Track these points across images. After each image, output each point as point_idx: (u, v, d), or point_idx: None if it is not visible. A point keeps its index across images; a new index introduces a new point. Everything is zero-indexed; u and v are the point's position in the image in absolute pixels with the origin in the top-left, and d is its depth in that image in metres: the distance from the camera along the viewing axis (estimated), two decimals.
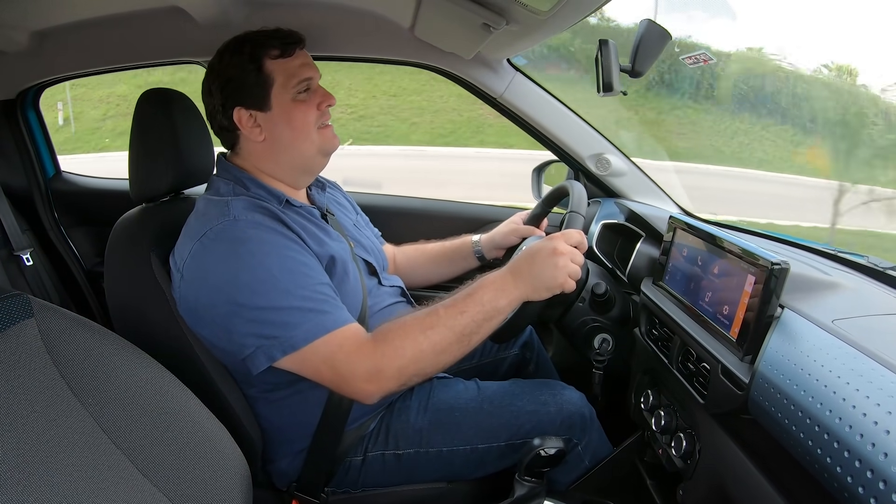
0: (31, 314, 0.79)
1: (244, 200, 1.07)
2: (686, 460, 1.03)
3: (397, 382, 1.02)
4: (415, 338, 1.01)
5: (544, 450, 0.99)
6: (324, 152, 1.19)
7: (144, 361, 0.90)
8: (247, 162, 1.17)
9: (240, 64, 1.11)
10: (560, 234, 1.09)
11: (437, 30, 1.46)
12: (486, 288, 1.06)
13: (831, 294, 0.93)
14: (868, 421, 0.61)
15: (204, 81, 1.16)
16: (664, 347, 1.12)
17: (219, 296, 0.99)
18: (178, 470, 0.85)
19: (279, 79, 1.12)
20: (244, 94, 1.11)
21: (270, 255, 1.00)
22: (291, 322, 0.98)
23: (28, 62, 1.65)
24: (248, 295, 0.98)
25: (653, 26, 1.25)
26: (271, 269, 0.99)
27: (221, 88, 1.12)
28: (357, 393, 1.02)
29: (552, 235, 1.09)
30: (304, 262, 1.04)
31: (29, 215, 1.88)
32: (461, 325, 1.03)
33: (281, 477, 1.17)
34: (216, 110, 1.14)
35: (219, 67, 1.13)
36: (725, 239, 0.95)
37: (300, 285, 1.00)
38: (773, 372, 0.77)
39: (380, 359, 1.00)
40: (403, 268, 1.57)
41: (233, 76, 1.11)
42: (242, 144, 1.16)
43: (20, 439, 0.71)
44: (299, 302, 0.99)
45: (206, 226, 1.02)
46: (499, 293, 1.05)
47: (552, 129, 1.67)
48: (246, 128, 1.13)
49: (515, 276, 1.07)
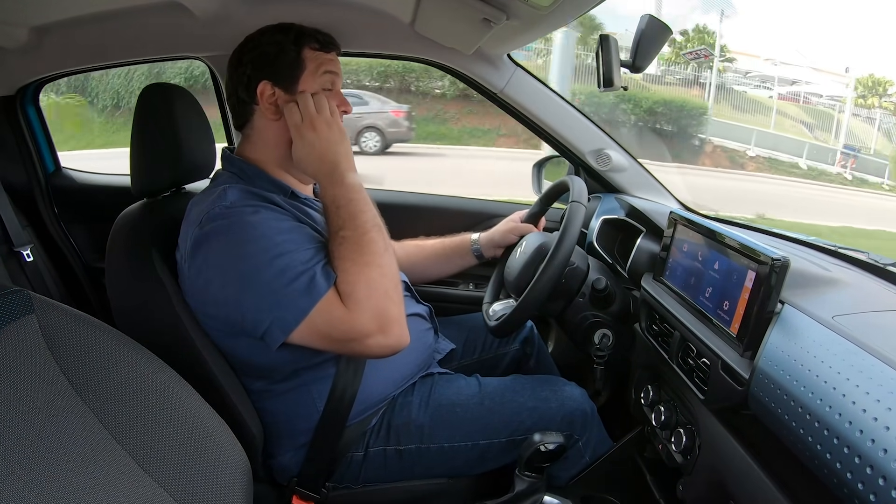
0: (32, 310, 0.79)
1: (241, 187, 1.07)
2: (686, 456, 1.03)
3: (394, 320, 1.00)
4: (367, 275, 1.00)
5: (544, 445, 1.00)
6: None
7: (145, 357, 0.90)
8: (254, 152, 1.16)
9: (282, 42, 1.13)
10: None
11: (438, 25, 1.46)
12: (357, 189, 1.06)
13: (831, 290, 0.93)
14: (868, 417, 0.61)
15: (235, 51, 1.17)
16: (664, 343, 1.12)
17: (226, 276, 0.99)
18: (178, 465, 0.85)
19: (311, 66, 1.13)
20: (276, 69, 1.12)
21: (270, 228, 1.00)
22: (298, 289, 0.97)
23: (28, 58, 1.65)
24: (254, 267, 0.97)
25: (653, 21, 1.25)
26: (273, 239, 0.98)
27: (254, 60, 1.13)
28: (367, 349, 1.00)
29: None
30: (300, 234, 1.03)
31: (29, 211, 1.87)
32: (373, 224, 1.04)
33: (282, 472, 1.17)
34: (240, 81, 1.15)
35: (258, 40, 1.14)
36: (726, 234, 0.95)
37: (305, 252, 1.00)
38: (773, 368, 0.77)
39: (363, 313, 0.98)
40: (402, 264, 1.56)
41: (268, 51, 1.13)
42: (255, 123, 1.16)
43: (21, 435, 0.71)
44: (302, 266, 0.98)
45: (203, 211, 1.02)
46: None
47: (552, 124, 1.66)
48: (264, 102, 1.12)
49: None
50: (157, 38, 1.61)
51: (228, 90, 1.19)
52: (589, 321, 1.29)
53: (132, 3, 1.47)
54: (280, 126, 1.13)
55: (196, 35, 1.54)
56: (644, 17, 1.25)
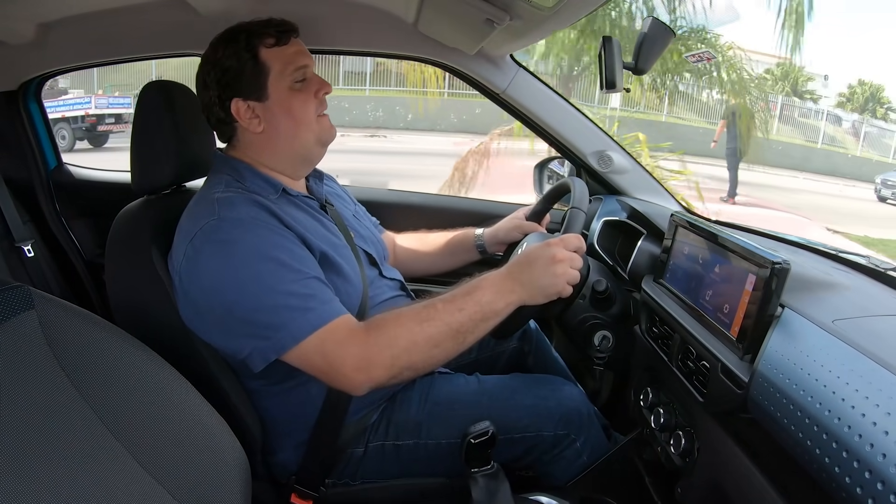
0: (32, 306, 0.79)
1: (231, 197, 1.06)
2: (685, 458, 1.03)
3: (388, 373, 1.00)
4: (410, 328, 1.01)
5: (472, 439, 0.99)
6: (322, 142, 1.19)
7: (144, 354, 0.90)
8: (245, 154, 1.16)
9: (235, 54, 1.10)
10: (559, 240, 1.08)
11: (441, 25, 1.46)
12: (486, 289, 1.05)
13: (832, 294, 0.93)
14: (867, 421, 0.61)
15: (198, 74, 1.15)
16: (664, 345, 1.12)
17: (213, 298, 0.99)
18: (177, 463, 0.85)
19: (275, 67, 1.11)
20: (241, 84, 1.11)
21: (254, 254, 0.99)
22: (278, 323, 0.97)
23: (31, 54, 1.65)
24: (236, 297, 0.98)
25: (657, 24, 1.25)
26: (255, 269, 0.98)
27: (217, 80, 1.11)
28: (346, 382, 1.01)
29: (550, 242, 1.08)
30: (290, 257, 1.02)
31: (30, 207, 1.88)
32: (458, 321, 1.02)
33: (281, 469, 1.17)
34: (212, 102, 1.13)
35: (214, 59, 1.12)
36: (727, 238, 0.95)
37: (285, 280, 0.99)
38: (773, 371, 0.77)
39: (371, 347, 0.99)
40: (404, 256, 1.56)
41: (229, 67, 1.10)
42: (240, 136, 1.16)
43: (20, 430, 0.71)
44: (284, 299, 0.98)
45: (194, 227, 1.02)
46: (497, 296, 1.05)
47: (555, 125, 1.66)
48: (244, 119, 1.12)
49: (514, 281, 1.06)
50: (160, 35, 1.61)
51: (205, 111, 1.18)
52: (589, 323, 1.29)
53: (136, 0, 1.47)
54: (267, 132, 1.13)
55: (200, 32, 1.54)
56: (647, 19, 1.26)
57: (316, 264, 1.06)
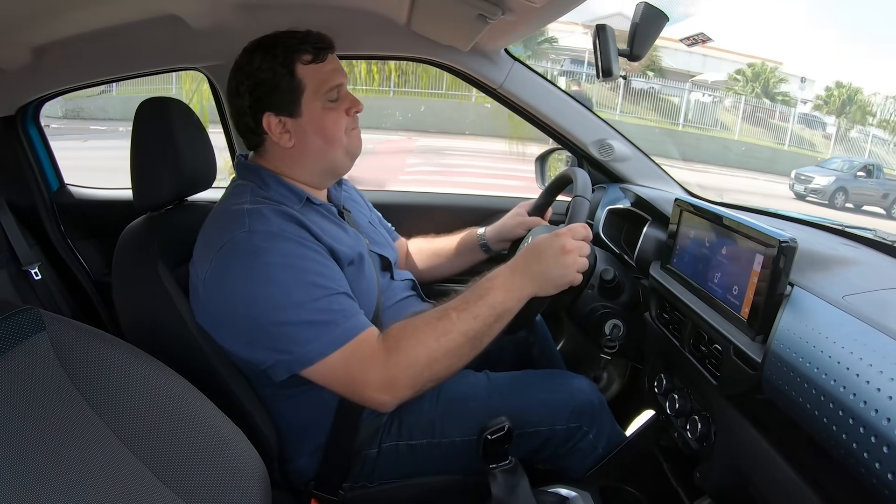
0: (43, 328, 0.80)
1: (261, 209, 1.05)
2: (702, 443, 1.03)
3: (412, 390, 1.02)
4: (428, 345, 1.01)
5: (489, 434, 1.00)
6: (352, 156, 1.19)
7: (157, 369, 0.90)
8: (271, 164, 1.16)
9: (272, 68, 1.09)
10: (566, 230, 1.09)
11: (434, 23, 1.46)
12: (497, 290, 1.06)
13: (840, 270, 0.93)
14: (882, 396, 0.61)
15: (230, 80, 1.14)
16: (675, 330, 1.11)
17: (238, 309, 0.99)
18: (196, 475, 0.86)
19: (311, 85, 1.10)
20: (275, 99, 1.10)
21: (284, 268, 0.99)
22: (305, 337, 0.98)
23: (27, 77, 1.66)
24: (263, 310, 0.98)
25: (649, 9, 1.24)
26: (285, 283, 0.98)
27: (251, 91, 1.10)
28: (371, 402, 1.02)
29: (558, 232, 1.09)
30: (319, 272, 1.03)
31: (35, 230, 1.88)
32: (474, 329, 1.03)
33: (299, 476, 1.17)
34: (244, 111, 1.12)
35: (249, 69, 1.10)
36: (732, 219, 0.94)
37: (313, 297, 1.00)
38: (786, 350, 0.76)
39: (392, 368, 1.00)
40: (413, 263, 1.57)
41: (264, 80, 1.09)
42: (269, 147, 1.15)
43: (38, 453, 0.72)
44: (313, 315, 0.98)
45: (223, 237, 1.01)
46: (509, 294, 1.06)
47: (553, 116, 1.66)
48: (275, 134, 1.11)
49: (524, 276, 1.07)
50: (155, 51, 1.61)
51: (233, 114, 1.17)
52: (599, 312, 1.29)
53: (130, 19, 1.47)
54: (297, 147, 1.13)
55: (193, 46, 1.55)
56: (639, 4, 1.25)
57: (344, 278, 1.06)
